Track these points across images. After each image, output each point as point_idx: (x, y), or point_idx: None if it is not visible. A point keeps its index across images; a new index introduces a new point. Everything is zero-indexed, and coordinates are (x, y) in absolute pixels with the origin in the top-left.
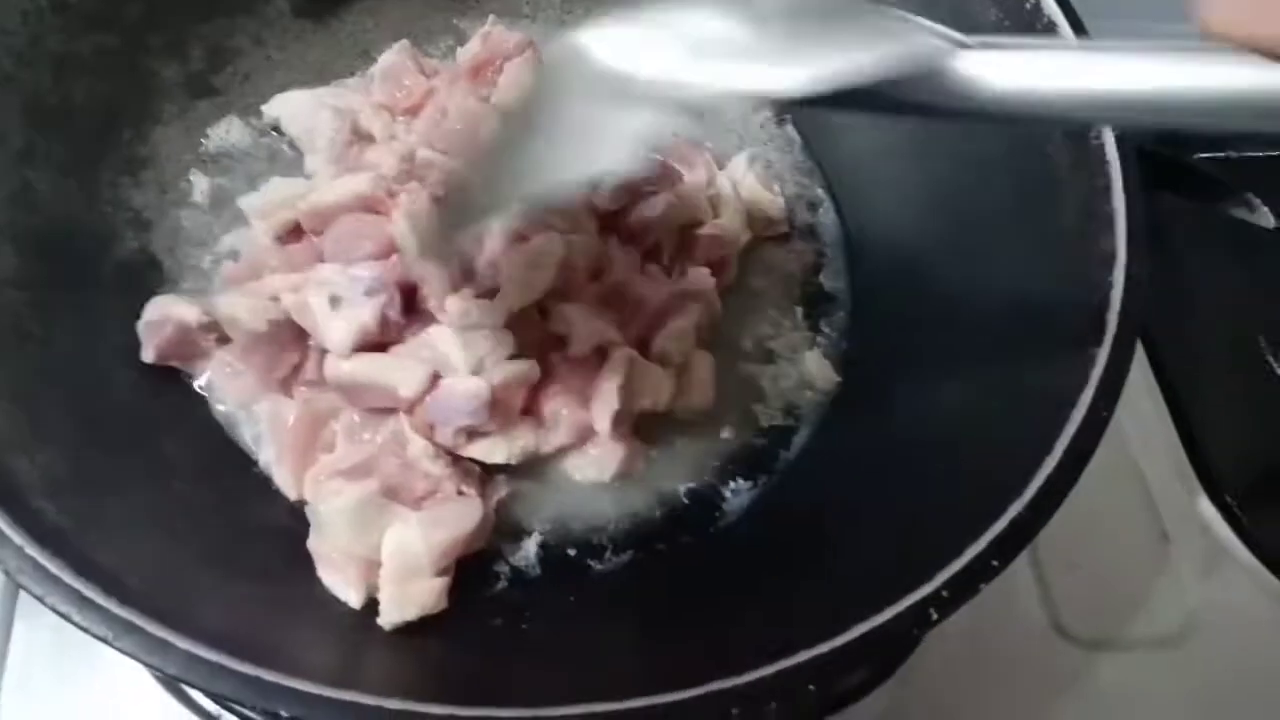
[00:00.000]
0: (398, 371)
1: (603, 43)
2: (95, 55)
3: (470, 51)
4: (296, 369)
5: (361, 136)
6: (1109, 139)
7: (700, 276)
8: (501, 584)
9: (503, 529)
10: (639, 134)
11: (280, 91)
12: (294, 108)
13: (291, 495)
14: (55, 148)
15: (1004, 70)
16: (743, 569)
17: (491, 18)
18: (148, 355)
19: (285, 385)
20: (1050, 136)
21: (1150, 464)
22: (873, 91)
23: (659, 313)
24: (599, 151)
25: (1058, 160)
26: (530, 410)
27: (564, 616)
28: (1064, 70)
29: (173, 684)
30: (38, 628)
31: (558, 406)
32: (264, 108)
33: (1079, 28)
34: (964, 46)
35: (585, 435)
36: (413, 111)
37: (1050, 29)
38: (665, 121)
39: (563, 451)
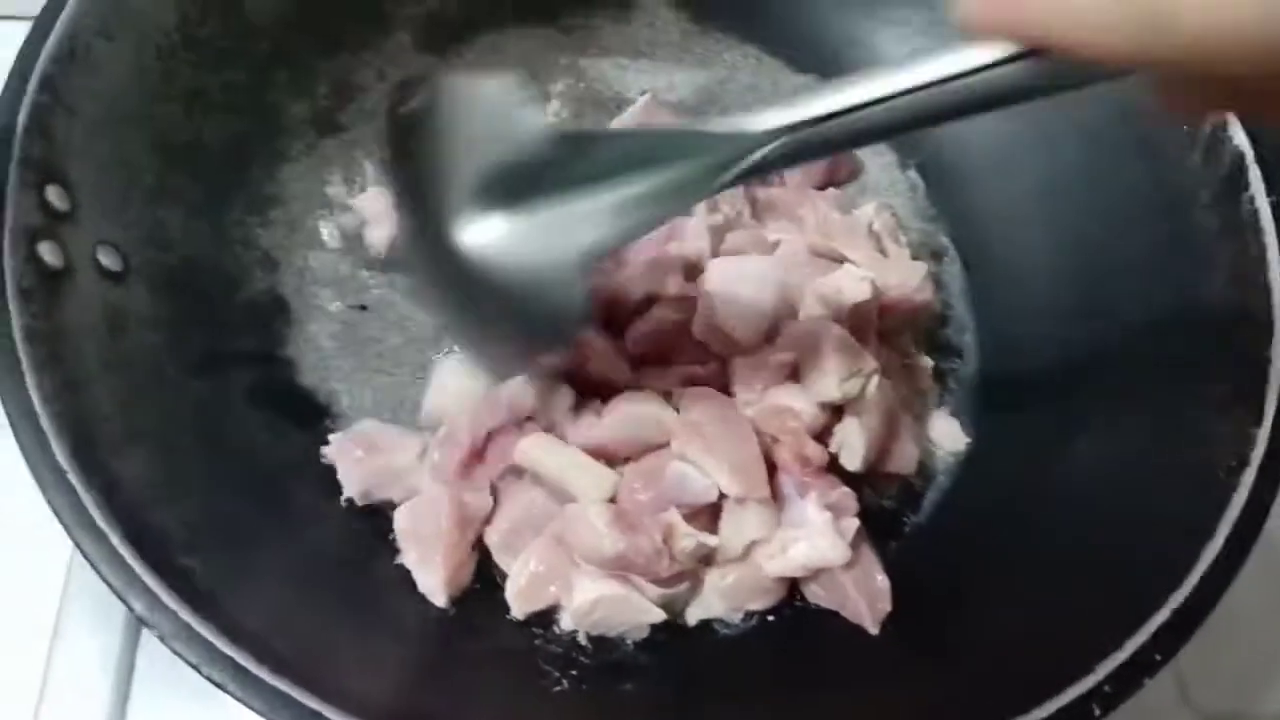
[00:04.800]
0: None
1: None
2: (224, 92)
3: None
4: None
5: None
6: (1263, 204)
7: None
8: (628, 647)
9: None
10: None
11: None
12: (378, 207)
13: (440, 601)
14: (186, 186)
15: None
16: (876, 645)
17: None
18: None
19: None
20: (1197, 196)
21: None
22: None
23: None
24: None
25: (1205, 223)
26: None
27: (691, 681)
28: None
29: None
30: (159, 659)
31: None
32: (352, 202)
33: None
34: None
35: None
36: None
37: None
38: None
39: None
